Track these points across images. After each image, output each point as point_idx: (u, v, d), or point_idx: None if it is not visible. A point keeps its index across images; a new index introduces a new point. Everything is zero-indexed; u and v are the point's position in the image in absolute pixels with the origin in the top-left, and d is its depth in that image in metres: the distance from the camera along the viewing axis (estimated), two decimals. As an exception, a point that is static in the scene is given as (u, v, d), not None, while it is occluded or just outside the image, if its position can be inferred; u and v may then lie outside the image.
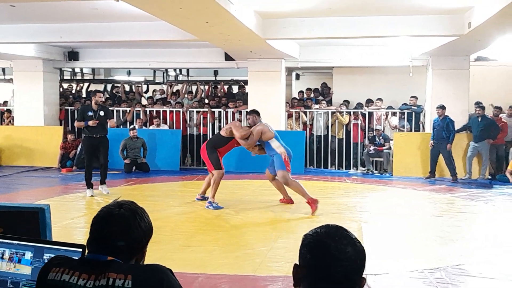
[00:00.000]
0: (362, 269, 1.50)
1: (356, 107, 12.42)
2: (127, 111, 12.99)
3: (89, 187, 8.54)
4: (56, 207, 6.92)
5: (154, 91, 14.93)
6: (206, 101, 13.56)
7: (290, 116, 12.36)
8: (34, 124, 12.93)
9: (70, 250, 1.90)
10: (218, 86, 14.71)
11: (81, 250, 1.88)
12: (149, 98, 14.09)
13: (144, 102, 14.12)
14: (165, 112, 12.78)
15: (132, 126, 12.10)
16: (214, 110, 12.58)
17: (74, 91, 15.27)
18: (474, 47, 10.44)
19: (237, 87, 14.21)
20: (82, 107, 9.08)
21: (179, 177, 11.04)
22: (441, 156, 10.90)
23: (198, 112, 12.67)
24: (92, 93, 9.94)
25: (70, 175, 11.20)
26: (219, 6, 6.57)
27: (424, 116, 12.16)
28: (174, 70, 16.10)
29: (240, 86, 13.92)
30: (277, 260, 5.03)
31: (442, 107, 10.77)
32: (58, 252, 1.90)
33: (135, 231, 1.70)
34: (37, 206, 2.19)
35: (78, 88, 15.61)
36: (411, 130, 12.10)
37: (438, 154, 10.91)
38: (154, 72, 15.96)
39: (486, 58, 12.55)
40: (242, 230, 6.52)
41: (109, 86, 15.35)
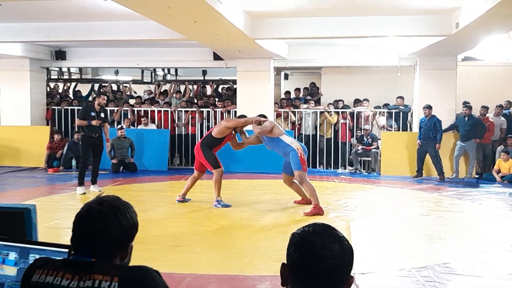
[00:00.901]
0: (350, 267, 1.50)
1: (343, 107, 12.47)
2: (115, 111, 12.90)
3: (81, 185, 8.61)
4: (42, 207, 6.84)
5: (144, 91, 14.87)
6: (195, 100, 13.52)
7: (278, 116, 12.37)
8: (21, 124, 12.80)
9: (56, 250, 1.88)
10: (206, 86, 14.68)
11: (67, 250, 1.85)
12: (137, 98, 14.02)
13: (132, 101, 14.04)
14: (153, 111, 12.73)
15: (119, 126, 12.03)
16: (202, 110, 12.56)
17: (61, 91, 15.13)
18: (462, 47, 10.53)
19: (224, 88, 14.18)
20: (85, 106, 9.10)
21: (167, 177, 10.98)
22: (428, 155, 10.98)
23: (186, 111, 12.64)
24: (96, 94, 10.08)
25: (57, 175, 11.11)
26: (208, 5, 6.55)
27: (411, 115, 12.24)
28: (163, 70, 16.02)
29: (228, 88, 13.87)
30: (265, 259, 5.02)
31: (428, 107, 10.84)
32: (44, 252, 1.88)
33: (115, 229, 1.66)
34: (23, 206, 2.17)
35: (65, 87, 15.48)
36: (399, 130, 12.18)
37: (425, 153, 10.98)
38: (142, 71, 15.87)
39: (473, 58, 12.67)
40: (230, 230, 6.50)
41: (96, 85, 15.24)
